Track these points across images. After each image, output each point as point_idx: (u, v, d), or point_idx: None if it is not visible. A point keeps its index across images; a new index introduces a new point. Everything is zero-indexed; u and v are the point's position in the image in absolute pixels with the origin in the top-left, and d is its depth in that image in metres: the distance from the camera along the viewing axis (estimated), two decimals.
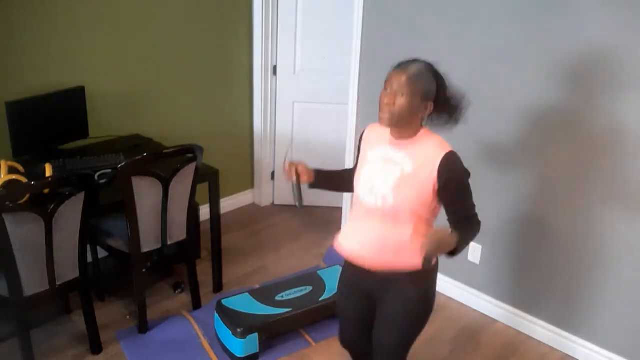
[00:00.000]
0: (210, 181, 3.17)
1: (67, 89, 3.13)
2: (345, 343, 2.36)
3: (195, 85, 3.83)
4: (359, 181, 2.06)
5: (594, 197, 2.72)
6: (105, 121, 3.39)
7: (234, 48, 3.97)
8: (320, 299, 3.03)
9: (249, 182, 4.42)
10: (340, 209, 3.93)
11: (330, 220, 4.12)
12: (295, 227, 4.16)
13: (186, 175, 2.85)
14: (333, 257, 3.65)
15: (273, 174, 4.39)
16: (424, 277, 2.03)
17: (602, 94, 2.59)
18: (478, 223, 1.98)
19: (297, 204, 2.08)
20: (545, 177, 2.88)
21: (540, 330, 3.06)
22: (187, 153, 2.83)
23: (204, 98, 3.91)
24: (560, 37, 2.65)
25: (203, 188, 3.13)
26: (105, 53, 3.33)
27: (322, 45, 3.96)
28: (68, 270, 2.62)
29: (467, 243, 1.96)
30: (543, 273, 2.99)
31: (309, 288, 3.09)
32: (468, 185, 1.95)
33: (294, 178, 2.11)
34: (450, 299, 3.34)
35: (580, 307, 2.90)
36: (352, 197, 2.13)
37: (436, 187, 1.90)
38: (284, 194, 4.43)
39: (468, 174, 1.95)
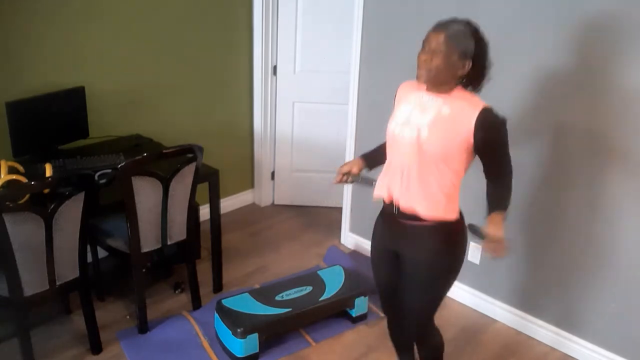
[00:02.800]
0: (210, 181, 3.17)
1: (67, 89, 3.13)
2: (386, 311, 2.42)
3: (196, 85, 3.83)
4: (393, 120, 2.07)
5: (595, 198, 2.72)
6: (105, 121, 3.39)
7: (234, 48, 3.97)
8: (320, 299, 3.02)
9: (249, 182, 4.42)
10: (340, 209, 3.93)
11: (330, 220, 4.12)
12: (295, 227, 4.16)
13: (186, 175, 2.85)
14: (333, 257, 3.66)
15: (273, 174, 4.39)
16: (449, 232, 2.07)
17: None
18: (511, 177, 2.03)
19: (371, 185, 2.18)
20: (546, 178, 2.88)
21: (540, 330, 3.06)
22: (187, 153, 2.83)
23: (204, 98, 3.91)
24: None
25: (203, 188, 3.13)
26: (105, 53, 3.33)
27: (322, 45, 3.96)
28: (68, 270, 2.62)
29: (508, 203, 2.02)
30: (543, 273, 2.99)
31: (309, 288, 3.09)
32: (505, 139, 1.97)
33: (351, 178, 2.23)
34: (450, 299, 3.34)
35: (580, 307, 2.90)
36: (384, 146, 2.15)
37: (471, 141, 1.92)
38: (284, 194, 4.43)
39: (504, 124, 1.95)
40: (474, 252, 3.20)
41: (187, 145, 2.85)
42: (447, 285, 2.17)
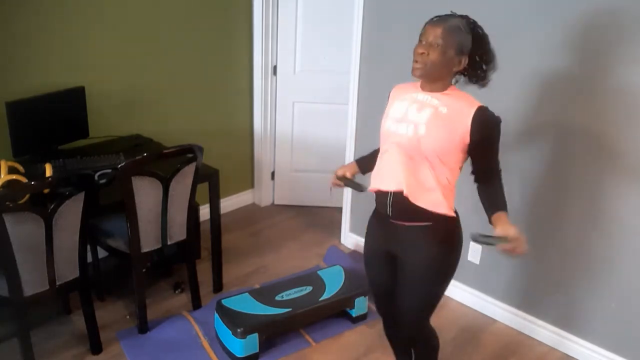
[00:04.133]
0: (210, 181, 3.17)
1: (67, 89, 3.13)
2: (380, 310, 2.41)
3: (195, 85, 3.83)
4: (387, 118, 2.06)
5: (596, 198, 2.72)
6: (105, 121, 3.39)
7: (234, 48, 3.97)
8: (320, 299, 3.02)
9: (249, 182, 4.42)
10: (340, 209, 3.93)
11: (330, 220, 4.12)
12: (295, 227, 4.16)
13: (186, 175, 2.85)
14: (333, 257, 3.66)
15: (273, 174, 4.39)
16: (444, 233, 2.05)
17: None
18: (500, 175, 2.02)
19: (360, 190, 2.19)
20: (547, 178, 2.88)
21: (540, 330, 3.06)
22: (187, 153, 2.83)
23: (204, 98, 3.91)
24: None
25: (203, 188, 3.13)
26: (105, 53, 3.33)
27: (322, 45, 3.96)
28: (68, 270, 2.62)
29: (506, 203, 1.99)
30: (543, 273, 2.99)
31: (309, 288, 3.09)
32: (498, 138, 1.96)
33: (344, 182, 2.25)
34: (450, 299, 3.34)
35: (580, 307, 2.90)
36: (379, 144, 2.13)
37: (467, 140, 1.91)
38: (284, 194, 4.44)
39: (499, 123, 1.94)
40: (474, 252, 3.20)
41: (187, 145, 2.85)
42: (444, 285, 2.15)
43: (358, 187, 2.19)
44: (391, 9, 3.25)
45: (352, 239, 3.89)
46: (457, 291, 3.34)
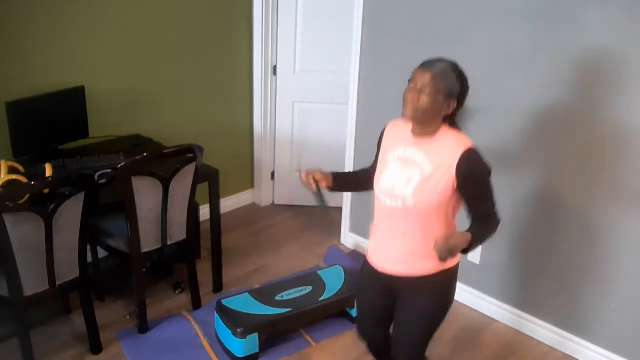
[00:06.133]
0: (210, 181, 3.17)
1: (67, 89, 3.13)
2: (362, 334, 2.38)
3: (196, 85, 3.83)
4: (378, 185, 2.07)
5: (596, 198, 2.72)
6: (105, 121, 3.39)
7: (234, 48, 3.97)
8: (320, 299, 3.02)
9: (249, 182, 4.42)
10: (340, 209, 3.93)
11: (330, 220, 4.12)
12: (295, 227, 4.16)
13: (186, 175, 2.85)
14: (333, 257, 3.66)
15: (273, 174, 4.39)
16: (446, 277, 2.07)
17: (607, 94, 2.58)
18: (497, 222, 1.98)
19: (321, 205, 2.14)
20: (547, 178, 2.88)
21: (540, 330, 3.06)
22: (187, 153, 2.83)
23: (204, 98, 3.91)
24: (564, 41, 2.63)
25: (203, 188, 3.13)
26: (105, 53, 3.33)
27: (322, 45, 3.96)
28: (68, 270, 2.62)
29: (482, 241, 1.94)
30: (543, 273, 2.99)
31: (309, 288, 3.09)
32: (488, 182, 1.95)
33: (314, 186, 2.15)
34: None
35: (580, 307, 2.90)
36: (374, 201, 2.12)
37: (455, 185, 1.91)
38: (284, 194, 4.43)
39: (489, 171, 1.94)
40: (474, 252, 3.19)
41: (187, 145, 2.85)
42: (444, 317, 2.16)
43: (322, 203, 2.13)
44: (391, 8, 3.25)
45: (352, 239, 3.89)
46: (457, 291, 3.33)
